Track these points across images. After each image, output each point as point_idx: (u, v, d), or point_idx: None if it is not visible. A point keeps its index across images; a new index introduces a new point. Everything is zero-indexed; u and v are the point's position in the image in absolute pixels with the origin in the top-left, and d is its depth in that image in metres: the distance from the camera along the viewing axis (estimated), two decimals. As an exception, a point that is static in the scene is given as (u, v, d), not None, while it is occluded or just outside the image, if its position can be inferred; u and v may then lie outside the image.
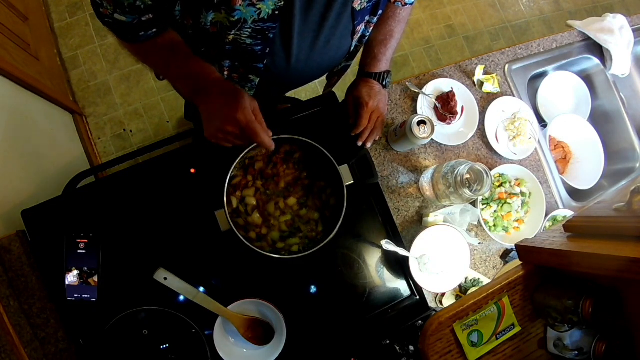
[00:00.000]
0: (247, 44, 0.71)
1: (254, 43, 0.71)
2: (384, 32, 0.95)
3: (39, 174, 1.35)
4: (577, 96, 1.42)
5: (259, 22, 0.67)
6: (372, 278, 1.03)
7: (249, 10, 0.64)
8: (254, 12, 0.64)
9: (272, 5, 0.64)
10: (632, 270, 0.50)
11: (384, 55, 0.97)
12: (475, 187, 0.97)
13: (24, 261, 0.90)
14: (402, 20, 0.96)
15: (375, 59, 0.98)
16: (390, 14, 0.94)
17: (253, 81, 0.84)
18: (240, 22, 0.65)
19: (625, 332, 0.63)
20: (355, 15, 0.76)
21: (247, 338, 0.91)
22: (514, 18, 2.66)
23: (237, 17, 0.64)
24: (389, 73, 1.01)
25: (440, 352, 0.67)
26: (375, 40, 0.96)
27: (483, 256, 1.16)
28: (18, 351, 0.81)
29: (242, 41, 0.70)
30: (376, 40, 0.96)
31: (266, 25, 0.68)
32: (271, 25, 0.68)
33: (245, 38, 0.70)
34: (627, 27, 1.41)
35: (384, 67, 0.99)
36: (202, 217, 0.93)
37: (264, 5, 0.64)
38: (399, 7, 0.93)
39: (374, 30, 0.95)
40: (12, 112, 1.34)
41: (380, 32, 0.95)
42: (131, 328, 0.91)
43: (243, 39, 0.70)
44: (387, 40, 0.96)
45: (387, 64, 0.99)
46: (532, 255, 0.68)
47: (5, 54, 1.39)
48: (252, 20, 0.66)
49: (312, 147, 0.92)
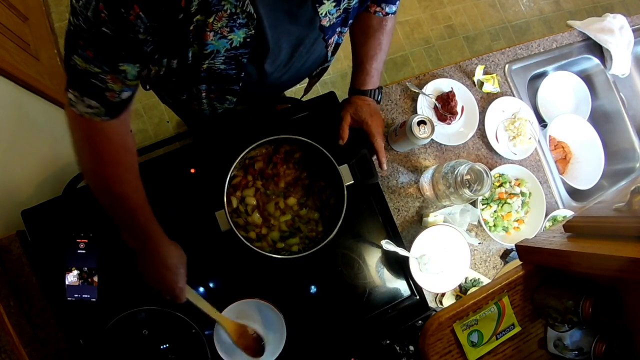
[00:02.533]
0: (221, 69, 0.72)
1: (228, 68, 0.72)
2: (373, 47, 0.96)
3: (39, 174, 1.35)
4: (577, 96, 1.42)
5: (232, 50, 0.68)
6: (372, 278, 1.03)
7: (220, 42, 0.65)
8: (226, 42, 0.65)
9: (242, 34, 0.65)
10: (632, 270, 0.50)
11: (375, 70, 0.99)
12: (475, 187, 0.97)
13: (24, 261, 0.90)
14: (388, 32, 0.96)
15: (368, 75, 0.99)
16: (377, 27, 0.94)
17: (231, 100, 0.85)
18: (214, 52, 0.67)
19: (625, 332, 0.64)
20: (325, 31, 0.77)
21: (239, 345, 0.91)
22: (514, 18, 2.66)
23: (210, 49, 0.65)
24: (381, 89, 1.03)
25: (440, 352, 0.67)
26: (365, 56, 0.97)
27: (483, 256, 1.16)
28: (18, 351, 0.81)
29: (216, 67, 0.71)
30: (367, 55, 0.97)
31: (239, 51, 0.69)
32: (244, 51, 0.69)
33: (219, 65, 0.71)
34: (627, 27, 1.41)
35: (376, 82, 1.01)
36: (202, 217, 0.93)
37: (235, 36, 0.65)
38: (381, 17, 0.93)
39: (362, 46, 0.96)
40: (12, 112, 1.34)
41: (370, 47, 0.96)
42: (131, 328, 0.91)
43: (217, 65, 0.71)
44: (376, 54, 0.97)
45: (378, 79, 1.01)
46: (532, 255, 0.68)
47: (5, 54, 1.39)
48: (225, 50, 0.67)
49: (312, 147, 0.93)
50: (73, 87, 0.63)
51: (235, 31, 0.64)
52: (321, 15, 0.72)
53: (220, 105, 0.87)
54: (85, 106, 0.64)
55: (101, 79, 0.61)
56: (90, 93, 0.63)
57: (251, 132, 0.97)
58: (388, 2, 0.91)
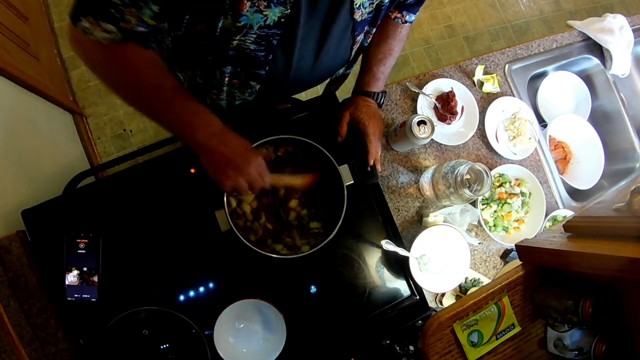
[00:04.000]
0: (250, 49, 0.71)
1: (257, 49, 0.72)
2: (383, 51, 0.96)
3: (39, 174, 1.35)
4: (577, 96, 1.42)
5: (264, 29, 0.67)
6: (372, 278, 1.03)
7: (255, 17, 0.64)
8: (260, 18, 0.65)
9: (278, 13, 0.65)
10: (632, 270, 0.50)
11: (382, 73, 0.99)
12: (475, 187, 0.97)
13: (24, 261, 0.90)
14: (402, 39, 0.97)
15: (374, 77, 0.99)
16: (391, 33, 0.95)
17: (253, 87, 0.84)
18: (246, 27, 0.66)
19: (625, 332, 0.64)
20: (356, 26, 0.77)
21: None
22: (514, 18, 2.66)
23: (243, 22, 0.65)
24: (385, 93, 1.03)
25: (440, 352, 0.67)
26: (374, 58, 0.97)
27: (483, 256, 1.16)
28: (18, 351, 0.81)
29: (246, 47, 0.71)
30: (375, 58, 0.97)
31: (271, 31, 0.68)
32: (276, 32, 0.69)
33: (249, 44, 0.70)
34: (627, 27, 1.41)
35: (381, 86, 1.01)
36: (202, 217, 0.93)
37: (271, 12, 0.64)
38: (399, 24, 0.94)
39: (373, 48, 0.96)
40: (12, 112, 1.34)
41: (380, 51, 0.96)
42: (131, 328, 0.91)
43: (247, 44, 0.70)
44: (386, 58, 0.97)
45: (384, 82, 1.01)
46: (532, 255, 0.68)
47: (5, 54, 1.39)
48: (258, 27, 0.66)
49: (312, 147, 0.92)
50: (86, 13, 0.61)
51: (272, 7, 0.64)
52: (355, 6, 0.72)
53: (240, 95, 0.87)
54: (102, 31, 0.62)
55: (119, 10, 0.60)
56: (107, 17, 0.61)
57: (251, 132, 0.97)
58: (410, 11, 0.92)
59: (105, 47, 0.65)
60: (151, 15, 0.62)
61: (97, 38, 0.63)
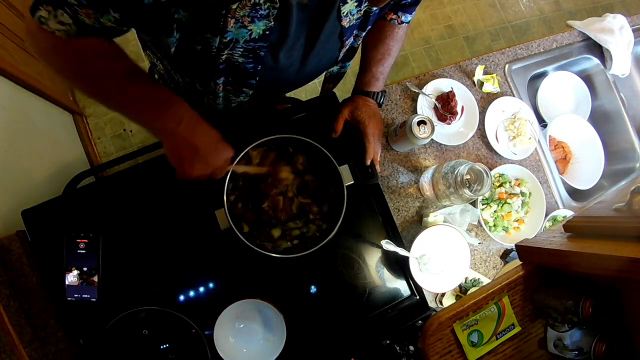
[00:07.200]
0: (239, 62, 0.72)
1: (245, 61, 0.73)
2: (382, 51, 0.97)
3: (39, 174, 1.35)
4: (577, 96, 1.42)
5: (250, 42, 0.68)
6: (372, 278, 1.03)
7: (240, 32, 0.65)
8: (245, 33, 0.66)
9: (262, 26, 0.66)
10: (632, 270, 0.50)
11: (381, 73, 1.00)
12: (475, 187, 0.97)
13: (24, 261, 0.90)
14: (399, 39, 0.97)
15: (373, 77, 0.99)
16: (388, 33, 0.96)
17: (247, 93, 0.85)
18: (233, 42, 0.67)
19: (625, 332, 0.63)
20: (344, 32, 0.77)
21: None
22: (514, 18, 2.66)
23: (229, 37, 0.66)
24: (385, 93, 1.03)
25: (440, 352, 0.67)
26: (373, 59, 0.98)
27: (483, 256, 1.16)
28: (18, 351, 0.81)
29: (235, 60, 0.72)
30: (374, 59, 0.98)
31: (257, 44, 0.69)
32: (262, 45, 0.70)
33: (237, 57, 0.71)
34: (627, 27, 1.41)
35: (381, 86, 1.01)
36: (202, 216, 0.93)
37: (255, 27, 0.65)
38: (396, 24, 0.94)
39: (372, 49, 0.97)
40: (12, 112, 1.34)
41: (379, 51, 0.97)
42: (131, 328, 0.91)
43: (235, 57, 0.71)
44: (384, 58, 0.98)
45: (383, 82, 1.02)
46: (532, 255, 0.68)
47: (5, 54, 1.39)
48: (244, 40, 0.67)
49: (312, 147, 0.92)
50: (46, 3, 0.59)
51: (256, 22, 0.64)
52: (343, 14, 0.73)
53: (235, 98, 0.88)
54: (57, 22, 0.60)
55: (74, 9, 0.58)
56: (64, 7, 0.58)
57: (251, 132, 0.97)
58: (405, 12, 0.93)
59: (57, 38, 0.62)
60: (111, 20, 0.61)
61: (52, 29, 0.61)
